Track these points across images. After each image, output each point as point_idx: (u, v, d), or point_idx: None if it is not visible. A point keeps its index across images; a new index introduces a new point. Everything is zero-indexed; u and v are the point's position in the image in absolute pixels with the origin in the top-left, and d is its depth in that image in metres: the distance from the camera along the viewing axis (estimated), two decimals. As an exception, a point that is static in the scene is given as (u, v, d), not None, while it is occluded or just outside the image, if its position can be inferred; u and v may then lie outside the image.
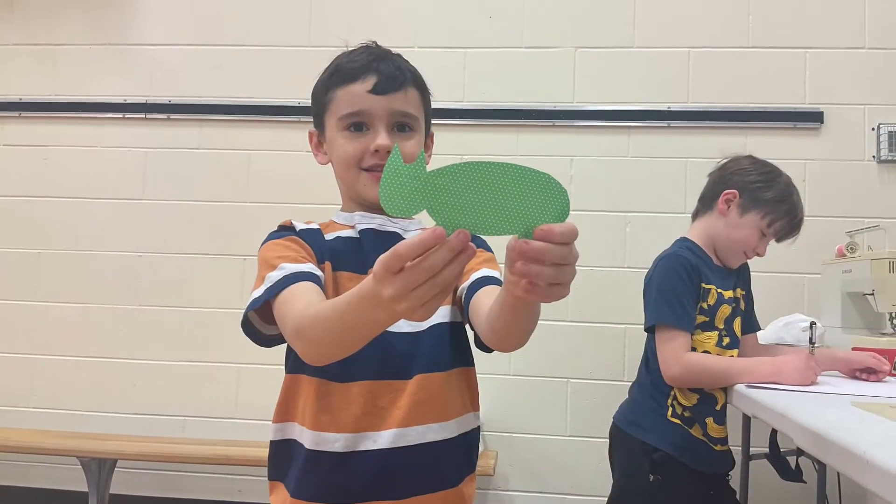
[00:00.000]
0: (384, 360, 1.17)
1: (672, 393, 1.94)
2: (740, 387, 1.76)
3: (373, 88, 1.21)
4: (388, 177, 0.72)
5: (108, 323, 3.03)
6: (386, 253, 0.71)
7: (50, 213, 3.09)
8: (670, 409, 1.93)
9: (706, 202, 2.09)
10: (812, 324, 2.06)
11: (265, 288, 1.11)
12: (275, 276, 1.11)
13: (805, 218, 2.04)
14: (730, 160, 2.10)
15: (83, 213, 3.07)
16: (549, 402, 2.82)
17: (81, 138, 3.10)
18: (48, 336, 3.05)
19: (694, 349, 1.91)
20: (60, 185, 3.09)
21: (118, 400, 2.99)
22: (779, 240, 2.04)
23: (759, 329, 2.19)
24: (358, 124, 1.23)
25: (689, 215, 2.17)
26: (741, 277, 2.10)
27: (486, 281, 1.18)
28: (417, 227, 1.30)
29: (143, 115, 3.08)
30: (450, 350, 1.24)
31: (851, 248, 2.35)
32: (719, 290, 1.97)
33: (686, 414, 1.92)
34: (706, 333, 1.94)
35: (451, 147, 2.76)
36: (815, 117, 2.79)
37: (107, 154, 3.09)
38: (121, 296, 3.03)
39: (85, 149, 3.10)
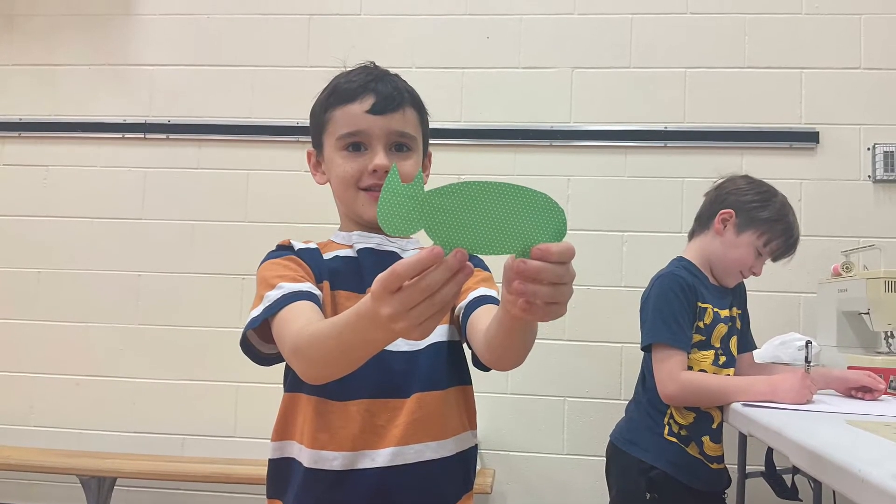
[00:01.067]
0: (382, 378, 1.18)
1: (668, 411, 1.94)
2: (736, 405, 1.77)
3: (371, 108, 1.22)
4: (386, 196, 0.73)
5: (107, 342, 3.02)
6: (384, 272, 0.72)
7: (49, 232, 3.08)
8: (667, 427, 1.94)
9: (702, 222, 2.10)
10: (808, 343, 2.06)
11: (264, 307, 1.12)
12: (273, 295, 1.12)
13: (801, 237, 2.06)
14: (726, 180, 2.11)
15: (82, 233, 3.07)
16: (546, 421, 2.81)
17: (81, 158, 3.10)
18: (48, 355, 3.03)
19: (690, 368, 1.92)
20: (60, 205, 3.09)
21: (117, 418, 2.97)
22: (775, 259, 2.05)
23: (756, 348, 2.20)
24: (356, 144, 1.24)
25: (686, 235, 2.18)
26: (737, 296, 2.11)
27: (484, 300, 1.18)
28: (415, 246, 1.31)
29: (143, 135, 3.09)
30: (447, 368, 1.24)
31: (847, 268, 2.35)
32: (715, 309, 1.98)
33: (682, 432, 1.93)
34: (702, 352, 1.95)
35: (449, 167, 2.78)
36: (811, 137, 2.80)
37: (106, 174, 3.09)
38: (120, 315, 3.02)
39: (84, 168, 3.10)
